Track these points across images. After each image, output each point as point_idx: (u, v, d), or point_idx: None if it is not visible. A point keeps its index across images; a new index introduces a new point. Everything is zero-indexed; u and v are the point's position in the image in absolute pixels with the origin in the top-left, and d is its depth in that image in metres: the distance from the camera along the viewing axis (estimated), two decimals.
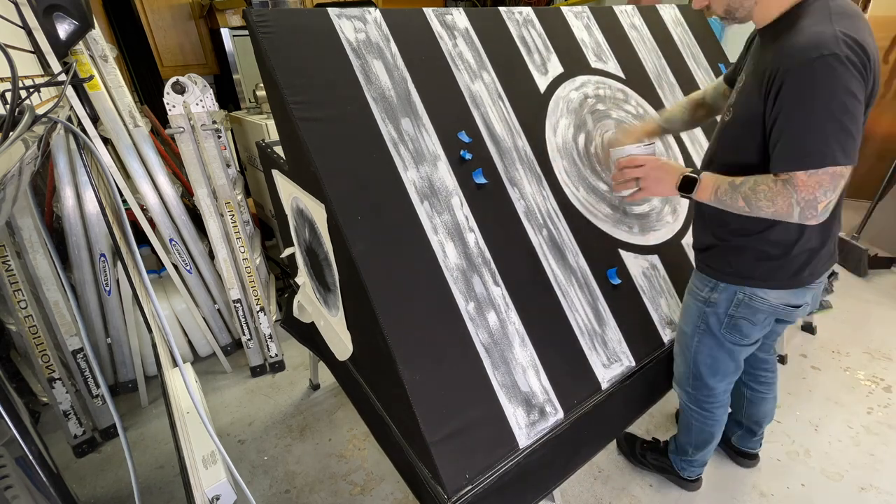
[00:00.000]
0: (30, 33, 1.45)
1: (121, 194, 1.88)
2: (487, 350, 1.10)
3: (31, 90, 0.70)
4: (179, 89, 1.77)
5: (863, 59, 0.84)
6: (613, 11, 1.79)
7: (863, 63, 0.84)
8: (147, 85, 3.41)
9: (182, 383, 1.36)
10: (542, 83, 1.49)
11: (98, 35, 1.72)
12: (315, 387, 2.17)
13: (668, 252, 1.51)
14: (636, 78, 1.73)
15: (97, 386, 1.86)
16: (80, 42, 1.61)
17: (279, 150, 1.62)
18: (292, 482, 1.73)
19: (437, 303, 1.09)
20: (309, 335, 1.80)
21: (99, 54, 1.74)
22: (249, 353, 2.25)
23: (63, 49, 1.50)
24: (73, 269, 1.84)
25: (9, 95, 0.55)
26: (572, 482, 1.66)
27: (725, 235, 1.14)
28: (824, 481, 1.64)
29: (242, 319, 2.16)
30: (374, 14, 1.27)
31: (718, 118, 1.21)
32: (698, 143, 1.79)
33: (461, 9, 1.43)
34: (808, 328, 2.40)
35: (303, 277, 1.64)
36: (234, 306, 2.13)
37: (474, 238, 1.19)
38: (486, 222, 1.22)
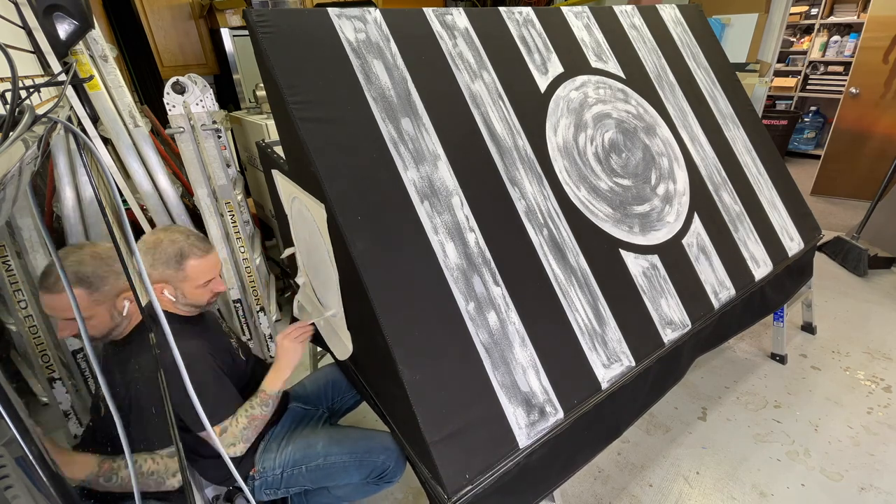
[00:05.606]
0: (30, 33, 1.45)
1: (121, 194, 1.88)
2: (487, 350, 1.10)
3: (31, 90, 0.70)
4: (179, 89, 1.77)
5: None
6: (613, 11, 1.79)
7: None
8: (147, 85, 3.41)
9: None
10: (543, 83, 1.49)
11: (98, 35, 1.72)
12: None
13: (669, 252, 1.51)
14: (636, 78, 1.73)
15: (97, 386, 1.86)
16: (80, 42, 1.61)
17: (279, 150, 1.62)
18: None
19: (437, 303, 1.09)
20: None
21: (99, 54, 1.74)
22: None
23: (63, 49, 1.50)
24: None
25: (9, 95, 0.55)
26: (572, 482, 1.66)
27: None
28: (824, 481, 1.64)
29: (242, 319, 2.16)
30: (374, 14, 1.27)
31: None
32: (698, 142, 1.79)
33: (461, 9, 1.43)
34: (809, 328, 2.40)
35: (303, 277, 1.64)
36: (234, 306, 2.13)
37: (474, 238, 1.19)
38: (487, 222, 1.22)
